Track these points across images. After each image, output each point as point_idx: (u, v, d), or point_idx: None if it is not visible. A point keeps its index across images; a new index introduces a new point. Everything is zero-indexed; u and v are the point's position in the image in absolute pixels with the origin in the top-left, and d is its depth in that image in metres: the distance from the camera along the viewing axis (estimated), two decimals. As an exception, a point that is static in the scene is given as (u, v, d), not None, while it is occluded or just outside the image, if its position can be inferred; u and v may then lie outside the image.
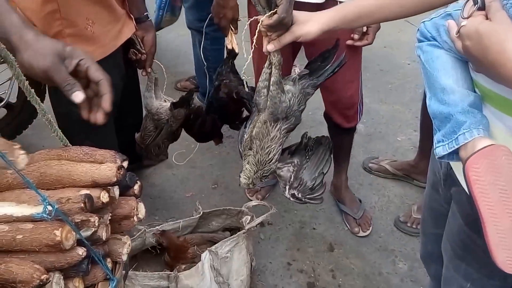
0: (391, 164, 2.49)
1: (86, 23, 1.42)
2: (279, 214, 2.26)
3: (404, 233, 2.20)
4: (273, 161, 1.43)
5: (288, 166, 1.51)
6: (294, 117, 1.42)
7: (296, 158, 1.53)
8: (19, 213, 0.69)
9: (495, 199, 0.81)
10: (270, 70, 1.35)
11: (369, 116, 2.92)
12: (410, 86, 3.23)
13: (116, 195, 0.81)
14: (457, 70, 0.92)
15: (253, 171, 1.44)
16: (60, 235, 0.65)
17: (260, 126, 1.40)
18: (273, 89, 1.34)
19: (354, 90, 1.95)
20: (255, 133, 1.42)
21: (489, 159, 0.82)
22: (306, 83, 1.45)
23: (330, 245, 2.17)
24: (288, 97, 1.39)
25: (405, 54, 3.43)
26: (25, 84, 0.77)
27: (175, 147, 2.59)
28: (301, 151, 1.56)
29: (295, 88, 1.43)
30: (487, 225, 0.81)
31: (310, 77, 1.46)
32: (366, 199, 2.37)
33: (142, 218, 0.89)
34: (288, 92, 1.40)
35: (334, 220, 2.29)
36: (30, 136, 2.72)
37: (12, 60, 0.76)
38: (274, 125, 1.39)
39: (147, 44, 1.78)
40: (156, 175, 2.57)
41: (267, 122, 1.39)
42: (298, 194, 1.48)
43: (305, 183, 1.49)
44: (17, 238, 0.66)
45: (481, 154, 0.83)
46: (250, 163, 1.44)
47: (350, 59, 1.85)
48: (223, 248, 1.72)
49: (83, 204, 0.70)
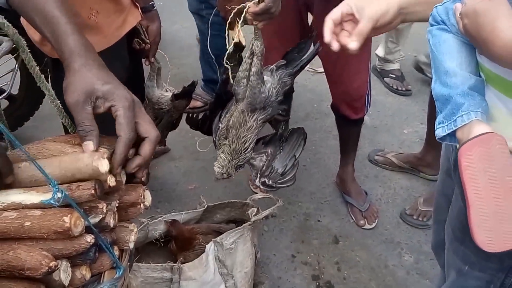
0: (397, 156, 2.47)
1: (90, 12, 1.40)
2: (283, 206, 2.23)
3: (410, 226, 2.19)
4: (248, 150, 1.44)
5: (262, 155, 1.52)
6: (271, 108, 1.43)
7: (270, 148, 1.54)
8: (27, 200, 0.67)
9: (484, 184, 0.84)
10: (251, 60, 1.35)
11: (375, 109, 2.90)
12: (416, 78, 3.20)
13: (123, 180, 0.79)
14: (462, 54, 0.93)
15: (228, 160, 1.46)
16: (69, 222, 0.64)
17: (237, 116, 1.41)
18: (254, 79, 1.34)
19: (362, 81, 1.93)
20: (232, 123, 1.43)
21: (483, 147, 0.84)
22: (283, 73, 1.46)
23: (335, 237, 2.16)
24: (267, 87, 1.39)
25: (411, 46, 3.40)
26: (36, 70, 0.75)
27: (178, 139, 2.58)
28: (276, 142, 1.57)
29: (273, 78, 1.44)
30: (471, 207, 0.85)
31: (287, 68, 1.47)
32: (371, 191, 2.35)
33: (148, 206, 0.87)
34: (267, 82, 1.41)
35: (339, 212, 2.28)
36: (31, 128, 2.71)
37: (24, 45, 0.74)
38: (251, 115, 1.40)
39: (151, 34, 1.76)
40: (158, 168, 2.55)
41: (244, 112, 1.40)
42: (269, 181, 1.49)
43: (276, 170, 1.51)
44: (25, 224, 0.64)
45: (475, 142, 0.85)
46: (225, 152, 1.46)
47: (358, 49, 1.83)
48: (228, 240, 1.70)
49: (93, 191, 0.68)
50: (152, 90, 1.91)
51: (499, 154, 0.83)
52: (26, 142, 0.77)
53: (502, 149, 0.83)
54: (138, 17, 1.61)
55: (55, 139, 0.79)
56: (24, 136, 2.55)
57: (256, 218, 1.77)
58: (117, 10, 1.49)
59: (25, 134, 2.61)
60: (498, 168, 0.83)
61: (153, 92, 1.91)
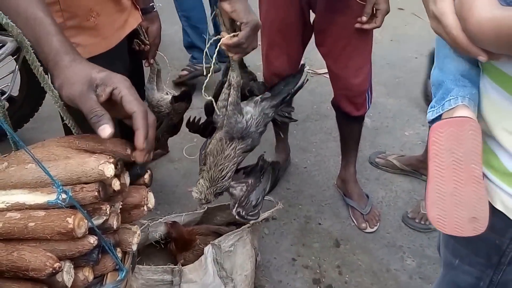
0: (398, 159, 2.46)
1: (90, 14, 1.39)
2: (284, 208, 2.23)
3: (412, 229, 2.17)
4: (225, 178, 1.47)
5: (242, 185, 1.54)
6: (251, 139, 1.46)
7: (251, 179, 1.57)
8: (31, 201, 0.67)
9: (447, 164, 0.87)
10: (229, 91, 1.38)
11: (376, 110, 2.89)
12: (418, 81, 3.19)
13: (127, 182, 0.78)
14: None
15: (206, 186, 1.48)
16: (72, 223, 0.63)
17: (215, 143, 1.44)
18: (230, 109, 1.38)
19: (363, 77, 1.93)
20: (209, 150, 1.45)
21: (455, 128, 0.87)
22: (266, 105, 1.49)
23: (336, 240, 2.14)
24: (246, 118, 1.43)
25: (412, 47, 3.40)
26: (40, 70, 0.74)
27: (177, 140, 2.56)
28: (257, 173, 1.60)
29: (255, 110, 1.47)
30: (430, 183, 0.89)
31: (271, 100, 1.51)
32: (373, 194, 2.34)
33: (151, 208, 0.87)
34: (248, 113, 1.44)
35: (340, 215, 2.26)
36: (31, 130, 2.69)
37: (28, 45, 0.73)
38: (229, 144, 1.43)
39: (151, 35, 1.75)
40: (158, 169, 2.54)
41: (222, 140, 1.43)
42: (242, 212, 1.52)
43: (251, 202, 1.53)
44: (29, 225, 0.64)
45: (449, 121, 0.89)
46: (204, 178, 1.48)
47: (359, 44, 1.86)
48: (227, 242, 1.69)
49: (97, 193, 0.67)
50: (152, 92, 1.90)
51: (470, 139, 0.86)
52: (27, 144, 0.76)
53: (473, 135, 0.86)
54: (138, 19, 1.61)
55: (59, 140, 0.78)
56: (24, 137, 2.48)
57: (255, 220, 1.77)
58: (118, 11, 1.49)
59: (25, 135, 2.59)
60: (465, 153, 0.87)
61: (152, 94, 1.90)
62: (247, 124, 1.42)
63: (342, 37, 1.82)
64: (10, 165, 0.73)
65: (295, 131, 2.74)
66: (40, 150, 0.74)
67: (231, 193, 1.52)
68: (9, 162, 0.75)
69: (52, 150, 0.74)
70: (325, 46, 1.90)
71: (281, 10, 1.83)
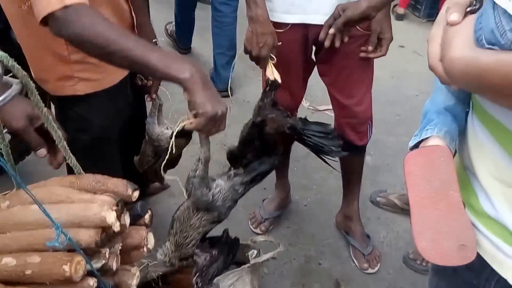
0: (400, 198, 2.44)
1: None
2: (284, 247, 2.20)
3: (414, 271, 2.14)
4: (189, 245, 1.49)
5: (207, 254, 1.56)
6: (218, 212, 1.49)
7: (215, 250, 1.59)
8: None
9: (426, 194, 0.87)
10: (197, 165, 1.43)
11: (376, 148, 2.89)
12: (418, 118, 3.18)
13: (127, 223, 0.78)
14: None
15: (171, 250, 1.51)
16: (69, 270, 0.63)
17: (183, 210, 1.49)
18: (196, 182, 1.43)
19: (367, 104, 1.96)
20: (177, 215, 1.50)
21: (427, 157, 0.89)
22: (238, 180, 1.54)
23: (336, 281, 2.11)
24: (214, 192, 1.47)
25: (413, 85, 3.42)
26: (44, 111, 0.75)
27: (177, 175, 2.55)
28: (222, 246, 1.63)
29: (226, 184, 1.51)
30: (413, 215, 0.88)
31: (243, 177, 1.55)
32: (374, 233, 2.31)
33: (151, 249, 0.86)
34: (217, 186, 1.49)
35: (340, 255, 2.23)
36: (32, 162, 2.68)
37: (33, 87, 0.74)
38: (195, 213, 1.47)
39: None
40: (158, 204, 2.52)
41: (189, 208, 1.47)
42: (199, 283, 1.53)
43: (209, 275, 1.56)
44: (27, 273, 0.64)
45: (420, 151, 0.92)
46: (170, 241, 1.51)
47: (363, 72, 1.88)
48: (225, 282, 1.66)
49: (97, 239, 0.67)
50: (152, 127, 1.90)
51: (443, 166, 0.87)
52: (28, 177, 0.76)
53: (445, 162, 0.88)
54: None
55: (60, 180, 0.78)
56: (26, 170, 2.52)
57: (255, 261, 1.75)
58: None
59: (27, 168, 2.58)
60: (441, 180, 0.87)
61: (153, 129, 1.90)
62: (213, 198, 1.46)
63: (346, 66, 1.84)
64: (11, 205, 0.73)
65: (296, 168, 2.73)
66: (42, 190, 0.74)
67: (195, 261, 1.54)
68: (10, 201, 0.74)
69: (53, 190, 0.74)
70: (329, 76, 1.91)
71: (285, 47, 1.84)
